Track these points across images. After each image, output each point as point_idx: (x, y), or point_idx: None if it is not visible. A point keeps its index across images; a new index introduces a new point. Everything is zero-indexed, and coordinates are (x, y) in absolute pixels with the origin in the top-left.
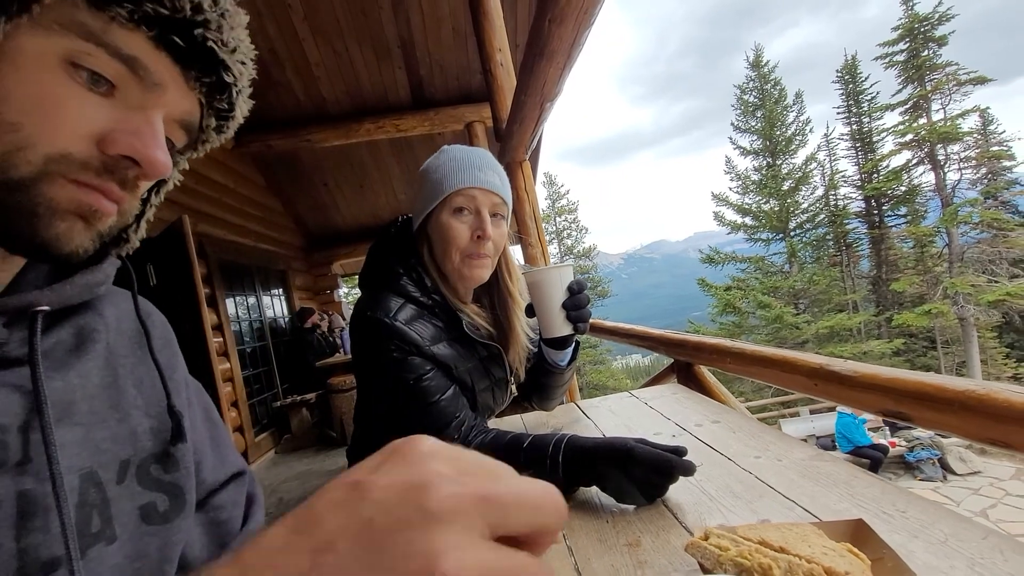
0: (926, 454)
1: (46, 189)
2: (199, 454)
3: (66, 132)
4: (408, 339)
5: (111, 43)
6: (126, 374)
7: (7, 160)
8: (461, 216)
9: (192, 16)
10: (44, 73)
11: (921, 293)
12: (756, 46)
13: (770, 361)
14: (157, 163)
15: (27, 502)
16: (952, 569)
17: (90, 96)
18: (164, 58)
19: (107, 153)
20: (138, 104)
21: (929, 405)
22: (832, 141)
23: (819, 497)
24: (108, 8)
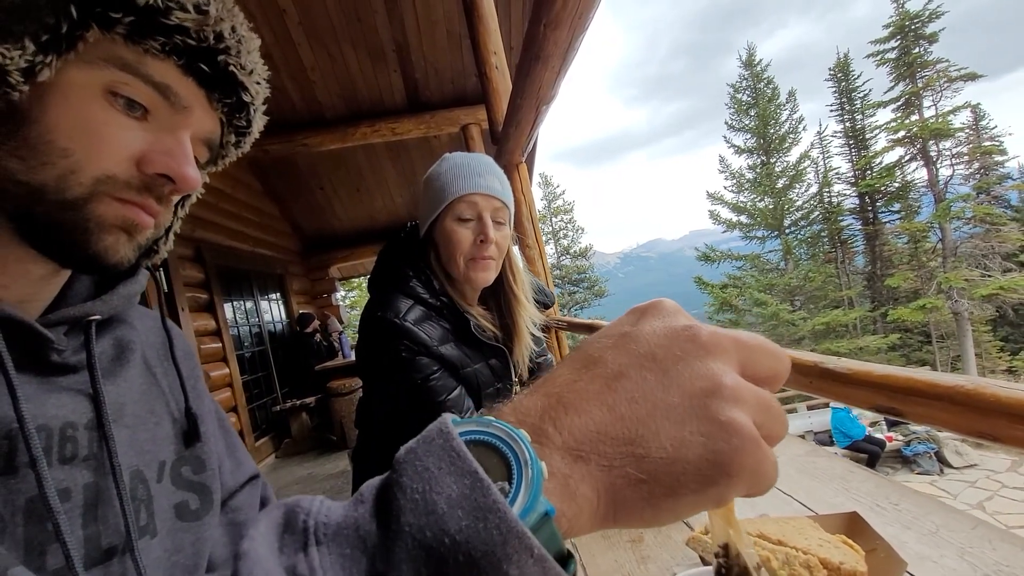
0: (923, 448)
1: (95, 207)
2: (219, 459)
3: (110, 155)
4: (417, 339)
5: (145, 73)
6: (158, 382)
7: (61, 183)
8: (464, 222)
9: (215, 44)
10: (89, 103)
11: (916, 288)
12: (749, 45)
13: None
14: (189, 179)
15: (92, 494)
16: (942, 558)
17: (128, 121)
18: (190, 83)
19: (145, 172)
20: (168, 126)
21: (920, 401)
22: (825, 138)
23: (815, 491)
24: (143, 42)
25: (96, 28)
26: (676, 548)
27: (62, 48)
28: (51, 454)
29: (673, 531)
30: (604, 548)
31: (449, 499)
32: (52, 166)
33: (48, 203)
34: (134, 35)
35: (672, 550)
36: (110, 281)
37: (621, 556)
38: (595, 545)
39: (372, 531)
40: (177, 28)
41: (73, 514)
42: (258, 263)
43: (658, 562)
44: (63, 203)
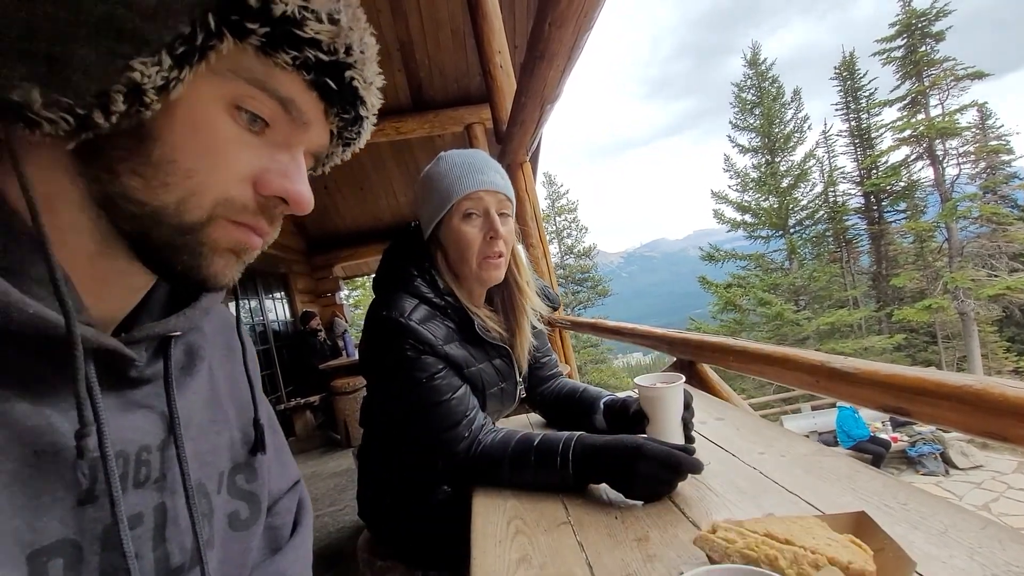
0: (928, 449)
1: (211, 231)
2: (268, 464)
3: (230, 177)
4: (422, 338)
5: (272, 87)
6: (221, 387)
7: (181, 206)
8: (471, 220)
9: (344, 58)
10: (215, 118)
11: (921, 288)
12: (753, 44)
13: (772, 359)
14: (304, 201)
15: (161, 514)
16: (951, 558)
17: (248, 137)
18: (313, 97)
19: (261, 194)
20: (284, 141)
21: (928, 400)
22: (831, 138)
23: (822, 491)
24: (274, 54)
25: (230, 38)
26: (683, 547)
27: (194, 60)
28: (127, 480)
29: (680, 530)
30: (610, 547)
31: None
32: (174, 188)
33: (166, 227)
34: (266, 47)
35: (679, 549)
36: (192, 293)
37: (627, 555)
38: (601, 544)
39: None
40: (310, 41)
41: (144, 537)
42: (262, 261)
43: (664, 561)
44: (181, 227)
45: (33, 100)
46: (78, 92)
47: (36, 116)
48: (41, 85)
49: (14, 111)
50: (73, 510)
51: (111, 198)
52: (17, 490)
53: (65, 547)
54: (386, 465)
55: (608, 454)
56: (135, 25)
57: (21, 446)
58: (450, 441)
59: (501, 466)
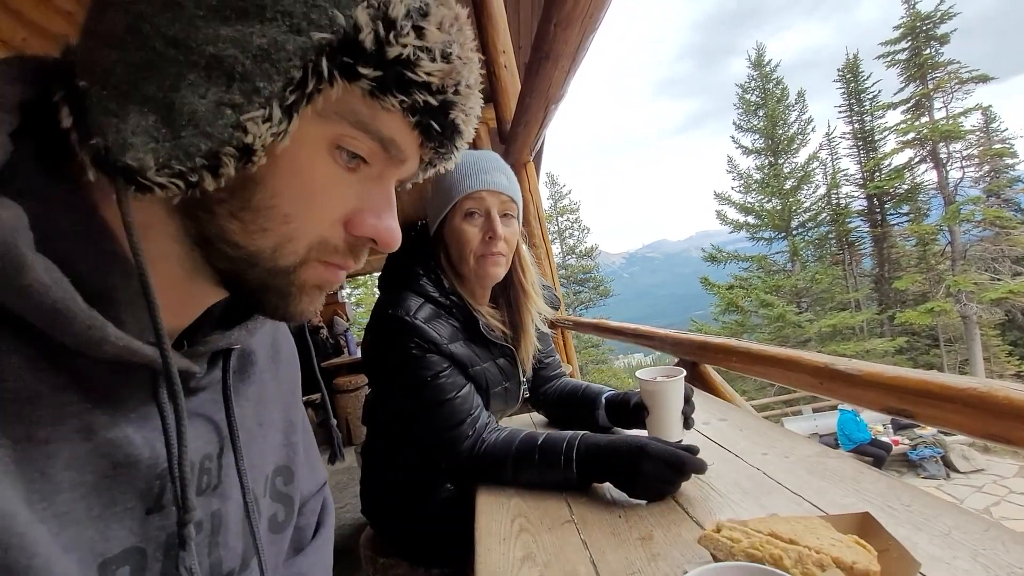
0: (929, 452)
1: (302, 272)
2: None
3: (325, 220)
4: (427, 336)
5: (375, 128)
6: (268, 389)
7: (277, 251)
8: (472, 219)
9: (451, 97)
10: (315, 161)
11: (924, 291)
12: (758, 45)
13: (775, 360)
14: (393, 240)
15: (216, 520)
16: (955, 559)
17: (345, 175)
18: (414, 135)
19: (352, 234)
20: (379, 175)
21: (932, 403)
22: (834, 140)
23: (826, 492)
24: (382, 98)
25: (340, 82)
26: (686, 546)
27: (302, 105)
28: (192, 487)
29: (683, 529)
30: (614, 545)
31: None
32: (271, 233)
33: (260, 269)
34: (375, 91)
35: (682, 548)
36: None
37: (631, 554)
38: (605, 543)
39: None
40: (422, 85)
41: (201, 544)
42: None
43: (668, 559)
44: (274, 270)
45: (146, 167)
46: (188, 153)
47: (148, 182)
48: (153, 141)
49: (127, 175)
50: (141, 519)
51: (207, 238)
52: (94, 501)
53: (132, 555)
54: (390, 463)
55: (612, 453)
56: (245, 69)
57: (101, 458)
58: (454, 439)
59: (505, 465)
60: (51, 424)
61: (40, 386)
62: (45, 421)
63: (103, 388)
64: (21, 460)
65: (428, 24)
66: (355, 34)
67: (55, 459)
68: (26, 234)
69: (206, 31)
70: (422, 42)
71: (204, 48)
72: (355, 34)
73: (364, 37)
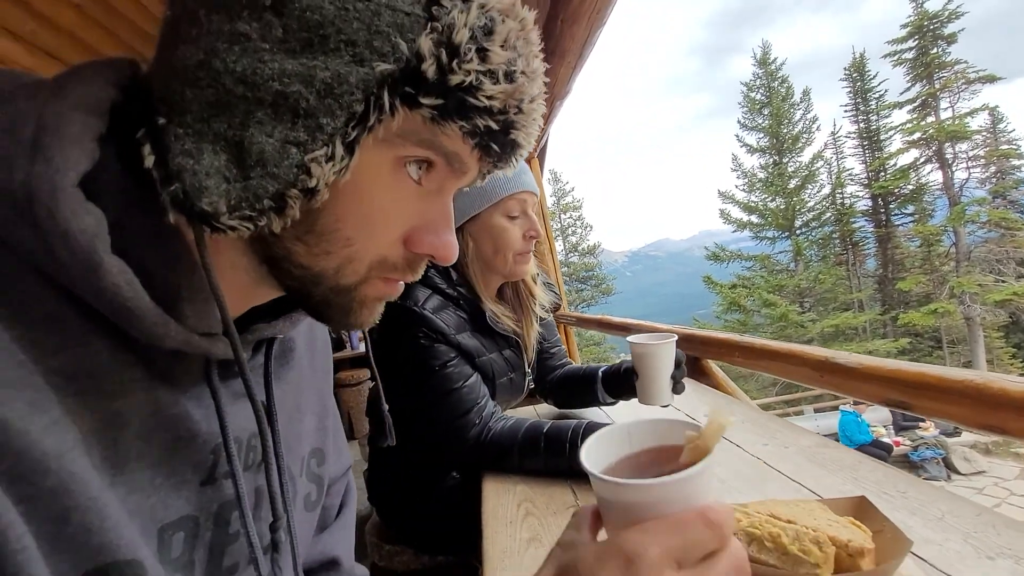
0: (930, 453)
1: (364, 288)
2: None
3: (385, 240)
4: (435, 327)
5: (437, 144)
6: (305, 374)
7: (340, 271)
8: (513, 219)
9: (514, 117)
10: (377, 184)
11: (927, 292)
12: (764, 44)
13: (777, 354)
14: (449, 255)
15: (259, 496)
16: (947, 541)
17: (408, 187)
18: (476, 152)
19: (411, 251)
20: (439, 187)
21: (929, 394)
22: (839, 139)
23: (824, 480)
24: (443, 123)
25: (402, 111)
26: None
27: (364, 137)
28: (239, 462)
29: None
30: None
31: None
32: (335, 255)
33: (323, 287)
34: (436, 117)
35: None
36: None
37: None
38: None
39: None
40: (483, 109)
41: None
42: None
43: None
44: (337, 288)
45: (220, 212)
46: (257, 195)
47: (221, 225)
48: (225, 182)
49: (202, 219)
50: (196, 490)
51: (274, 258)
52: (157, 471)
53: (186, 522)
54: (396, 452)
55: None
56: (309, 105)
57: (165, 431)
58: (461, 428)
59: (511, 453)
60: (123, 398)
61: (115, 365)
62: (119, 395)
63: (165, 369)
64: (97, 430)
65: (492, 44)
66: (418, 63)
67: (126, 431)
68: (105, 239)
69: (272, 65)
70: (485, 65)
71: (270, 84)
72: (418, 63)
73: (427, 67)
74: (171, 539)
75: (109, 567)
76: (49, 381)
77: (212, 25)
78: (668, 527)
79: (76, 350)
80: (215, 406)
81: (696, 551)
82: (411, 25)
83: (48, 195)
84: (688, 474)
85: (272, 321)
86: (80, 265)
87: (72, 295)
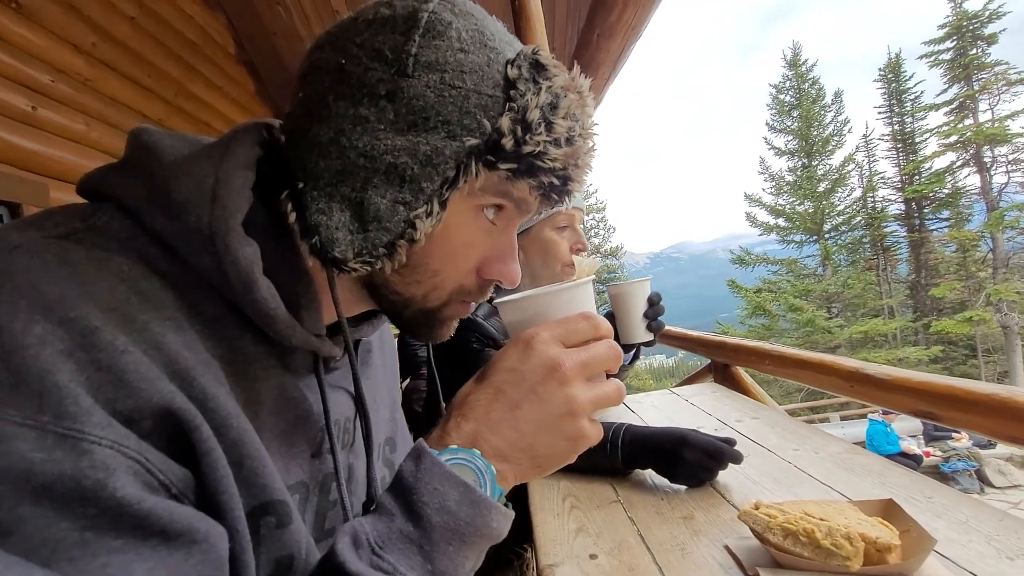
0: (963, 465)
1: (445, 310)
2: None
3: (464, 271)
4: (486, 332)
5: (510, 193)
6: (378, 372)
7: (426, 297)
8: (563, 232)
9: (572, 171)
10: (460, 227)
11: (962, 299)
12: (795, 45)
13: (808, 364)
14: (514, 281)
15: (351, 472)
16: (970, 543)
17: (485, 227)
18: (539, 196)
19: (482, 278)
20: (506, 225)
21: (957, 406)
22: (871, 141)
23: (854, 484)
24: (516, 181)
25: (484, 173)
26: (725, 525)
27: (453, 193)
28: (338, 442)
29: (722, 511)
30: (659, 523)
31: (456, 501)
32: (423, 284)
33: (413, 309)
34: (510, 177)
35: (721, 526)
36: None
37: (675, 530)
38: (650, 520)
39: (413, 531)
40: (548, 170)
41: (341, 489)
42: None
43: (709, 535)
44: (424, 310)
45: (348, 259)
46: (374, 244)
47: (347, 268)
48: (350, 234)
49: (334, 263)
50: (308, 460)
51: (374, 285)
52: (283, 441)
53: (301, 487)
54: None
55: (655, 442)
56: (414, 173)
57: (288, 410)
58: None
59: None
60: (264, 381)
61: (258, 354)
62: (260, 378)
63: (288, 361)
64: (245, 403)
65: (556, 117)
66: (498, 137)
67: (263, 406)
68: (259, 264)
69: (386, 142)
70: (551, 136)
71: (384, 157)
72: (498, 137)
73: (506, 142)
74: (291, 498)
75: (269, 504)
76: (219, 363)
77: (339, 109)
78: (554, 322)
79: (233, 342)
80: (320, 394)
81: (577, 336)
82: (493, 105)
83: (224, 233)
84: (564, 284)
85: (359, 325)
86: (242, 283)
87: (229, 303)
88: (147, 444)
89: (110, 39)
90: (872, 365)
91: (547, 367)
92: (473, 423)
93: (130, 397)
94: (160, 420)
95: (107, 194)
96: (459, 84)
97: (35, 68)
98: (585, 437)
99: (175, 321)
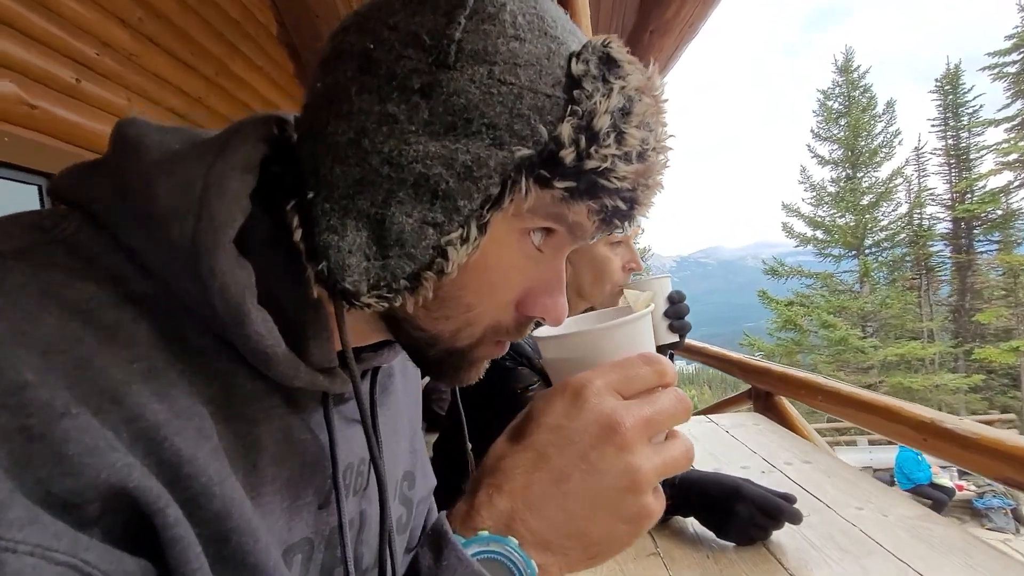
0: (998, 502)
1: (476, 351)
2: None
3: (502, 306)
4: (520, 351)
5: (563, 218)
6: (399, 400)
7: (458, 334)
8: (616, 249)
9: (640, 194)
10: (501, 255)
11: (1008, 327)
12: (847, 49)
13: (870, 407)
14: (560, 319)
15: (362, 520)
16: None
17: (529, 253)
18: (597, 222)
19: (522, 314)
20: (556, 252)
21: None
22: (923, 155)
23: (933, 562)
24: (574, 202)
25: (534, 191)
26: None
27: (495, 214)
28: (350, 489)
29: None
30: None
31: None
32: (453, 320)
33: (439, 349)
34: (567, 197)
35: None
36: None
37: None
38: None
39: None
40: (614, 191)
41: (350, 542)
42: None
43: None
44: (452, 350)
45: (361, 292)
46: (394, 275)
47: (359, 303)
48: (366, 259)
49: (344, 296)
50: (315, 513)
51: (395, 318)
52: (286, 494)
53: (305, 544)
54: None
55: (704, 490)
56: (448, 187)
57: (294, 456)
58: None
59: None
60: (265, 424)
61: (257, 392)
62: (261, 421)
63: (293, 397)
64: (242, 454)
65: (628, 126)
66: (556, 148)
67: (263, 454)
68: (253, 291)
69: (416, 148)
70: (621, 148)
71: (414, 166)
72: (556, 148)
73: (566, 154)
74: (292, 560)
75: None
76: (208, 408)
77: (363, 104)
78: (609, 366)
79: (227, 379)
80: (328, 437)
81: (637, 384)
82: (551, 108)
83: (209, 252)
84: (619, 321)
85: (379, 350)
86: (231, 314)
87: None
88: (88, 537)
89: (156, 14)
90: (951, 417)
91: (603, 426)
92: (509, 499)
93: (69, 475)
94: (110, 502)
95: (78, 199)
96: (511, 80)
97: (82, 41)
98: (650, 516)
99: (147, 362)
